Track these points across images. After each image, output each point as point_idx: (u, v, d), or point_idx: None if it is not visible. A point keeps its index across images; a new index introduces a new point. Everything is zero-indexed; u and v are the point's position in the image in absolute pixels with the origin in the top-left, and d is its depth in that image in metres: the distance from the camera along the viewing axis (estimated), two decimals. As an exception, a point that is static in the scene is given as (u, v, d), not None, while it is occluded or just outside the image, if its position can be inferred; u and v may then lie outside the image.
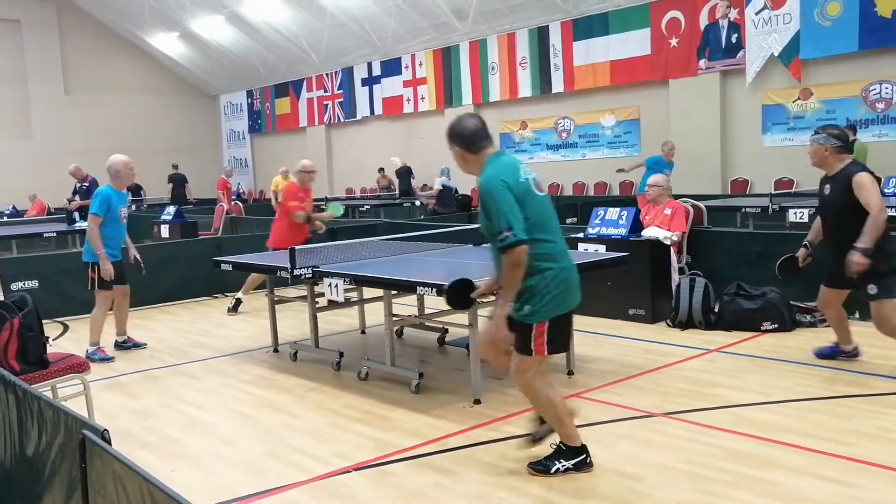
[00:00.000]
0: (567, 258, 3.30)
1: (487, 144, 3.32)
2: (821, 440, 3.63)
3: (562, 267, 3.25)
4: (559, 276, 3.22)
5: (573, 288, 3.30)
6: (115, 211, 5.96)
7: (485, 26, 16.49)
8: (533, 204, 3.19)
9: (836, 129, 4.50)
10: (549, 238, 3.23)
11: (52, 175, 19.70)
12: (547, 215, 3.27)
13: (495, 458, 3.64)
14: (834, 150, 4.44)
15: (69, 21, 23.32)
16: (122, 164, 6.06)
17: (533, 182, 3.25)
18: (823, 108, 12.14)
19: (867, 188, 4.29)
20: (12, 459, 2.73)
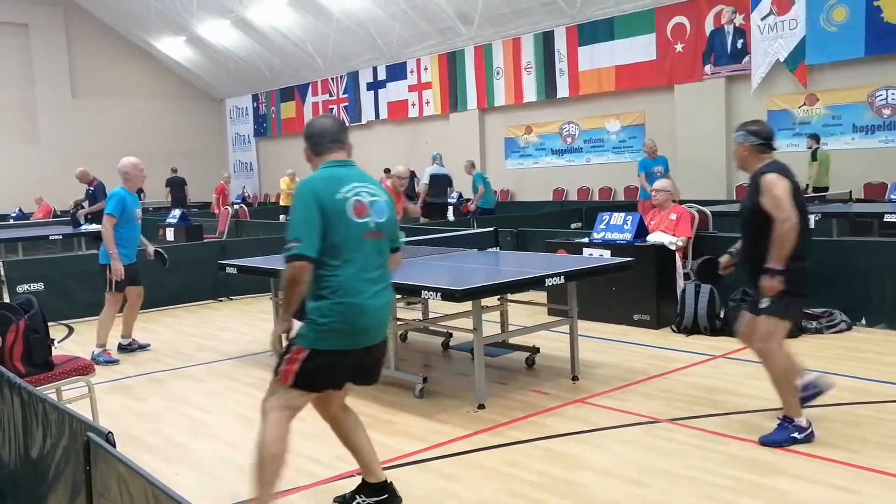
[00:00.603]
0: (357, 296, 2.85)
1: (333, 150, 2.97)
2: (827, 447, 3.61)
3: (343, 301, 2.84)
4: (335, 310, 2.83)
5: (348, 329, 2.86)
6: (130, 212, 6.01)
7: (490, 31, 16.52)
8: (341, 227, 2.83)
9: (755, 125, 3.83)
10: (340, 267, 2.84)
11: (59, 178, 19.78)
12: (351, 244, 2.85)
13: (499, 463, 3.62)
14: (754, 149, 3.78)
15: (76, 25, 23.46)
16: (130, 165, 6.11)
17: (353, 205, 2.85)
18: (829, 114, 12.11)
19: (773, 190, 3.57)
20: (17, 461, 2.73)
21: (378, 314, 2.96)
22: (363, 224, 2.89)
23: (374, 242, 2.94)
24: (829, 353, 5.34)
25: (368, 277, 2.91)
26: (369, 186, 2.97)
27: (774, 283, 3.56)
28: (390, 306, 3.09)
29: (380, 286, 2.96)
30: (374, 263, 2.94)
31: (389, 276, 3.07)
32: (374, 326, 2.96)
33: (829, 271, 6.19)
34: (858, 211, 8.81)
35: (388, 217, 3.00)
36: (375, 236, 2.93)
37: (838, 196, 10.48)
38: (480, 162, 17.56)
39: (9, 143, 22.10)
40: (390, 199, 3.11)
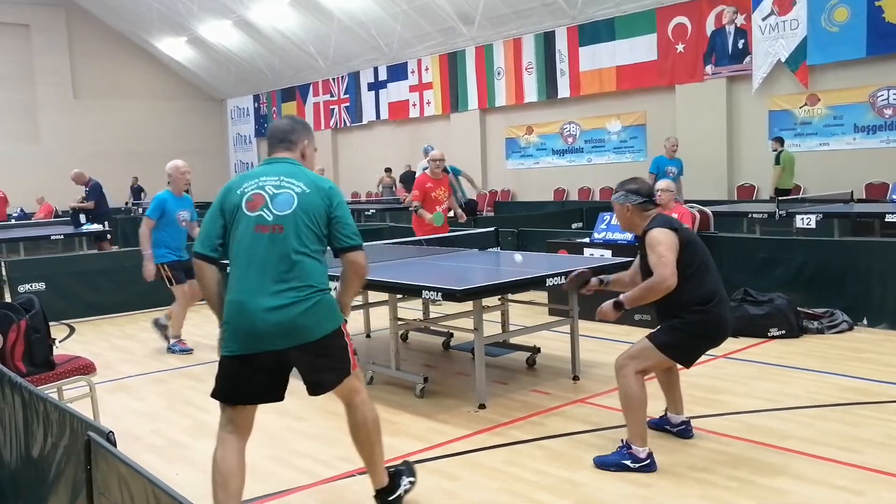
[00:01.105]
0: (238, 292, 2.71)
1: (276, 149, 2.96)
2: (829, 448, 3.60)
3: (229, 300, 2.74)
4: (226, 313, 2.75)
5: (234, 330, 2.72)
6: (171, 215, 6.10)
7: (491, 31, 16.52)
8: (237, 222, 2.75)
9: (634, 184, 3.63)
10: (233, 265, 2.77)
11: (60, 178, 19.71)
12: (244, 238, 2.73)
13: (500, 462, 3.62)
14: (636, 208, 3.58)
15: (78, 26, 23.49)
16: (172, 167, 6.24)
17: (248, 199, 2.76)
18: (831, 114, 12.10)
19: (658, 248, 3.41)
20: (18, 461, 2.73)
21: (266, 316, 2.65)
22: (256, 217, 2.74)
23: (267, 236, 2.71)
24: (830, 354, 5.33)
25: (259, 275, 2.69)
26: (283, 179, 2.79)
27: (608, 311, 3.49)
28: (294, 310, 2.68)
29: (273, 285, 2.68)
30: (268, 260, 2.70)
31: (302, 278, 2.71)
32: (261, 329, 2.66)
33: (830, 271, 6.19)
34: (860, 211, 8.80)
35: (295, 209, 2.73)
36: (273, 230, 2.71)
37: (840, 196, 10.47)
38: (481, 162, 17.58)
39: (10, 143, 22.12)
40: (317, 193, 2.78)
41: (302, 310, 2.70)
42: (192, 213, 6.35)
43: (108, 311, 8.03)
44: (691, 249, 3.50)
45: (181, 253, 6.17)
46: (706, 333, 3.54)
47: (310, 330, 2.72)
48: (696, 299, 3.47)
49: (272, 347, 2.70)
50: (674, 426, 3.87)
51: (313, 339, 2.73)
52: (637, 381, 3.51)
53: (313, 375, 2.85)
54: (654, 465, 3.45)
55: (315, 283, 2.74)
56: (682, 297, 3.44)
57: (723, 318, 3.54)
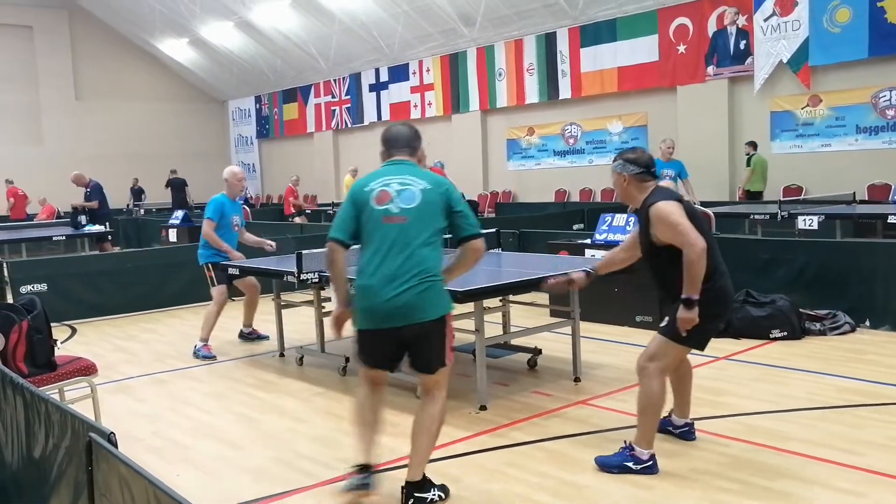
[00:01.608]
0: (368, 277, 3.10)
1: (392, 154, 3.33)
2: (832, 450, 3.60)
3: (359, 284, 3.16)
4: (357, 293, 3.16)
5: (363, 309, 3.13)
6: (228, 218, 6.19)
7: (492, 32, 16.52)
8: (366, 215, 3.16)
9: (632, 153, 3.57)
10: (363, 251, 3.19)
11: (63, 180, 19.66)
12: (372, 229, 3.14)
13: (501, 464, 3.62)
14: (634, 179, 3.51)
15: (80, 27, 23.53)
16: (229, 173, 6.34)
17: (377, 195, 3.15)
18: (833, 115, 12.09)
19: (669, 218, 3.29)
20: (20, 461, 2.73)
21: (388, 298, 3.05)
22: (383, 210, 3.14)
23: (394, 226, 3.11)
24: (832, 355, 5.33)
25: (385, 261, 3.09)
26: (406, 178, 3.19)
27: (691, 315, 3.28)
28: (412, 292, 3.04)
29: (398, 270, 3.06)
30: (394, 248, 3.09)
31: (423, 265, 3.08)
32: (383, 310, 3.07)
33: (832, 273, 6.18)
34: (862, 212, 8.79)
35: (418, 204, 3.12)
36: (399, 221, 3.11)
37: (842, 198, 10.46)
38: (483, 163, 17.58)
39: (13, 144, 22.15)
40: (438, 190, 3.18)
41: (418, 292, 3.08)
42: (242, 218, 6.44)
43: (109, 313, 8.03)
44: (695, 224, 3.36)
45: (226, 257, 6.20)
46: (714, 312, 3.40)
47: (423, 311, 3.10)
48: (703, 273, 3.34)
49: (392, 325, 3.11)
50: (676, 428, 3.83)
51: (424, 320, 3.11)
52: (660, 382, 3.44)
53: (420, 354, 3.22)
54: (657, 467, 3.43)
55: (431, 270, 3.12)
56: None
57: (725, 289, 3.45)
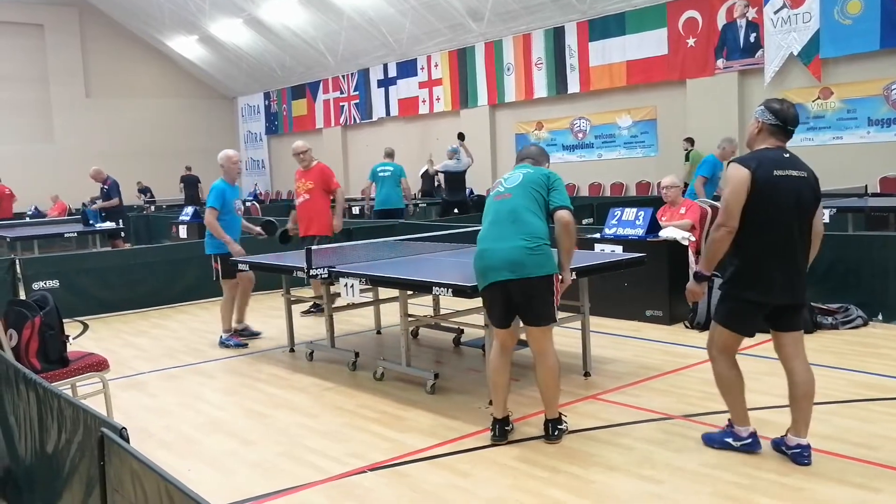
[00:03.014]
0: (482, 242, 3.75)
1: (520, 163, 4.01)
2: (844, 444, 3.57)
3: (477, 249, 3.78)
4: (475, 257, 3.78)
5: (480, 268, 3.73)
6: (230, 203, 6.17)
7: (500, 27, 16.47)
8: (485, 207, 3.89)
9: (778, 104, 3.48)
10: (482, 225, 3.82)
11: (74, 176, 19.96)
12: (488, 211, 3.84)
13: (511, 459, 3.62)
14: (765, 126, 3.45)
15: (91, 25, 23.64)
16: (224, 157, 6.30)
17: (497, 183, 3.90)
18: (844, 108, 11.98)
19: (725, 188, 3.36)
20: (33, 456, 2.75)
21: (499, 254, 3.61)
22: (495, 193, 3.86)
23: (504, 201, 3.75)
24: (844, 349, 5.29)
25: (496, 228, 3.71)
26: (516, 171, 3.87)
27: (694, 289, 3.45)
28: (518, 250, 3.59)
29: (507, 233, 3.64)
30: (503, 218, 3.70)
31: (527, 228, 3.63)
32: (496, 264, 3.62)
33: (845, 266, 6.13)
34: (874, 205, 8.70)
35: (519, 182, 3.75)
36: (505, 196, 3.76)
37: (854, 190, 10.37)
38: (491, 158, 17.55)
39: (24, 142, 22.32)
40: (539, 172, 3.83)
41: (526, 250, 3.59)
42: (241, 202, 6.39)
43: (120, 309, 8.09)
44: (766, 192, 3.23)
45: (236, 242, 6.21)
46: (735, 291, 3.36)
47: (529, 268, 3.58)
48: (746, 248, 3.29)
49: (499, 278, 3.60)
50: (788, 448, 3.42)
51: (531, 276, 3.58)
52: (722, 363, 3.50)
53: (529, 309, 3.68)
54: (758, 444, 3.49)
55: (538, 234, 3.64)
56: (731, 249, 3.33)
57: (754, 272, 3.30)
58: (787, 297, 3.35)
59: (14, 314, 3.76)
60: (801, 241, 3.35)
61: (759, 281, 3.33)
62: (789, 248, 3.32)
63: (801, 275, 3.38)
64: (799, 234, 3.34)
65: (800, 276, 3.37)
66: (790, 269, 3.33)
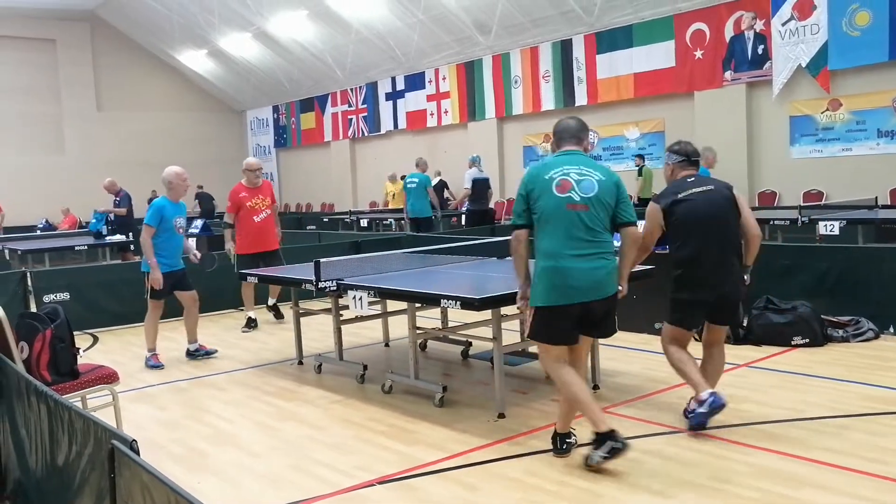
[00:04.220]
0: (558, 259, 3.51)
1: (564, 145, 3.74)
2: (855, 458, 3.54)
3: (549, 266, 3.53)
4: (544, 273, 3.55)
5: (555, 287, 3.52)
6: (169, 222, 6.08)
7: (508, 40, 16.55)
8: (545, 201, 3.54)
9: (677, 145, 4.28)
10: (545, 236, 3.56)
11: (84, 189, 20.15)
12: (550, 215, 3.53)
13: (520, 473, 3.60)
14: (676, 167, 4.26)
15: (102, 40, 23.93)
16: (173, 175, 6.23)
17: (558, 183, 3.54)
18: (853, 119, 11.94)
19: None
20: (44, 469, 2.77)
21: (586, 274, 3.49)
22: (565, 198, 3.52)
23: (576, 214, 3.51)
24: (855, 362, 5.25)
25: (573, 243, 3.49)
26: (583, 169, 3.59)
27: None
28: (602, 271, 3.52)
29: (589, 250, 3.50)
30: (576, 232, 3.50)
31: (606, 246, 3.56)
32: (582, 285, 3.49)
33: (855, 278, 6.09)
34: (885, 217, 8.65)
35: (595, 193, 3.53)
36: (578, 208, 3.51)
37: (864, 202, 10.32)
38: (499, 170, 17.58)
39: (36, 155, 22.55)
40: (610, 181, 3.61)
41: (606, 271, 3.55)
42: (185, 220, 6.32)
43: (130, 321, 8.11)
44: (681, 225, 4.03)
45: (175, 261, 6.16)
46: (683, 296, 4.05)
47: (609, 287, 3.58)
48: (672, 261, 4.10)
49: (584, 299, 3.51)
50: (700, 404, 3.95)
51: (609, 294, 3.58)
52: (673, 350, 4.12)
53: (605, 324, 3.68)
54: (720, 398, 3.86)
55: (610, 251, 3.59)
56: None
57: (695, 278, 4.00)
58: (716, 293, 3.97)
59: (25, 327, 3.78)
60: (727, 244, 3.98)
61: (690, 282, 4.00)
62: (712, 252, 3.95)
63: (731, 274, 3.98)
64: (722, 238, 3.96)
65: (730, 275, 3.98)
66: (718, 269, 3.96)
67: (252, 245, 7.60)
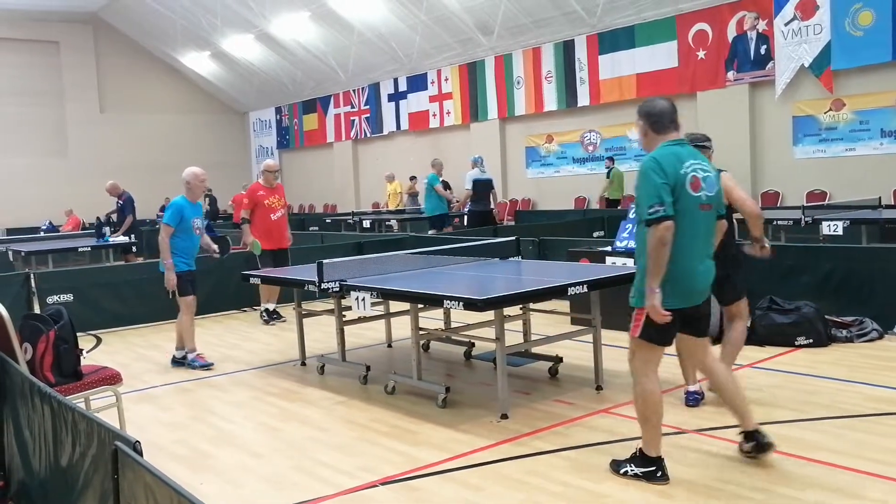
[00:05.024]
0: (686, 262, 3.27)
1: (671, 130, 3.37)
2: (861, 459, 3.52)
3: (682, 267, 3.26)
4: (667, 276, 3.22)
5: (683, 289, 3.30)
6: (188, 222, 6.05)
7: (510, 41, 16.56)
8: (682, 199, 3.22)
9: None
10: (682, 236, 3.22)
11: (87, 191, 20.20)
12: (687, 214, 3.22)
13: (523, 473, 3.60)
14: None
15: (105, 42, 24.01)
16: (192, 175, 6.21)
17: (691, 180, 3.24)
18: (856, 119, 11.92)
19: None
20: (47, 469, 2.77)
21: (706, 276, 3.37)
22: (697, 198, 3.27)
23: (705, 214, 3.32)
24: (860, 363, 5.23)
25: (700, 244, 3.33)
26: (702, 164, 3.34)
27: None
28: (712, 272, 3.42)
29: (704, 252, 3.37)
30: (706, 232, 3.35)
31: (712, 246, 3.45)
32: (703, 288, 3.38)
33: (859, 279, 6.08)
34: (888, 217, 8.63)
35: (716, 191, 3.37)
36: (706, 209, 3.32)
37: (867, 202, 10.29)
38: (501, 171, 17.58)
39: (39, 157, 22.62)
40: (717, 175, 3.45)
41: (713, 272, 3.43)
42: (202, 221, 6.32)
43: (133, 322, 8.14)
44: None
45: (192, 262, 6.15)
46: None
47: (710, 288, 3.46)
48: None
49: (699, 301, 3.39)
50: None
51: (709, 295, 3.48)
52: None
53: (706, 323, 3.55)
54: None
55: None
56: None
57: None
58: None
59: (29, 328, 3.79)
60: None
61: None
62: None
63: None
64: None
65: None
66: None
67: (268, 242, 7.88)
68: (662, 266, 3.20)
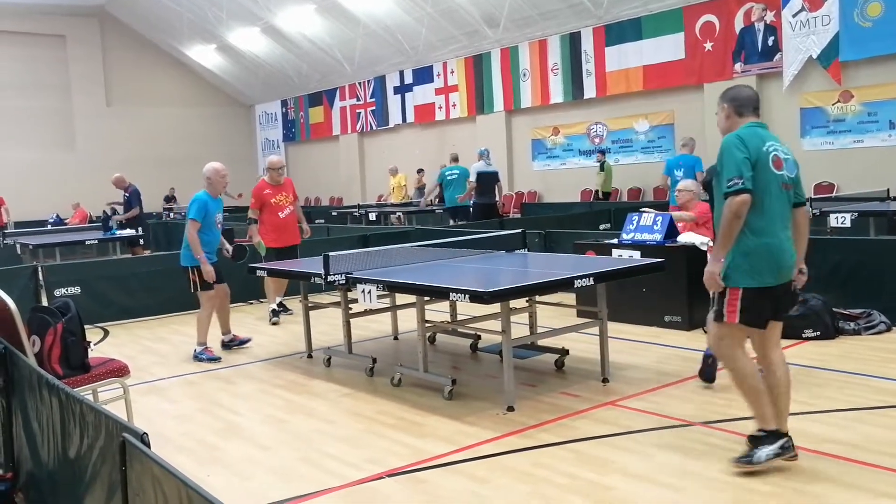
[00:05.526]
0: (773, 237, 3.32)
1: (752, 115, 3.48)
2: (869, 452, 3.51)
3: (764, 243, 3.31)
4: (758, 251, 3.29)
5: (771, 266, 3.33)
6: (211, 216, 6.12)
7: (516, 33, 16.48)
8: (764, 175, 3.30)
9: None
10: (759, 212, 3.28)
11: (94, 184, 20.25)
12: (770, 192, 3.30)
13: (529, 465, 3.60)
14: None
15: (111, 36, 24.03)
16: (212, 171, 6.25)
17: (773, 158, 3.34)
18: (865, 111, 11.83)
19: None
20: (55, 461, 2.79)
21: (791, 256, 3.40)
22: (780, 176, 3.36)
23: (786, 193, 3.39)
24: (867, 355, 5.21)
25: (782, 223, 3.38)
26: (782, 146, 3.44)
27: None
28: (792, 251, 3.43)
29: (786, 228, 3.41)
30: (786, 211, 3.40)
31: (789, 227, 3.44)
32: (791, 263, 3.40)
33: (867, 271, 6.04)
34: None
35: (796, 174, 3.46)
36: (787, 188, 3.40)
37: (876, 194, 10.23)
38: (507, 163, 17.55)
39: (46, 150, 22.70)
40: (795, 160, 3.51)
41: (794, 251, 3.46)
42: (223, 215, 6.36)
43: (140, 315, 8.17)
44: None
45: (212, 256, 6.20)
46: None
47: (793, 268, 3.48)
48: None
49: (788, 279, 3.43)
50: None
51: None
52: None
53: (791, 303, 3.63)
54: None
55: None
56: None
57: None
58: None
59: (37, 321, 3.81)
60: None
61: None
62: None
63: None
64: None
65: None
66: None
67: (277, 240, 7.68)
68: (732, 238, 3.27)
